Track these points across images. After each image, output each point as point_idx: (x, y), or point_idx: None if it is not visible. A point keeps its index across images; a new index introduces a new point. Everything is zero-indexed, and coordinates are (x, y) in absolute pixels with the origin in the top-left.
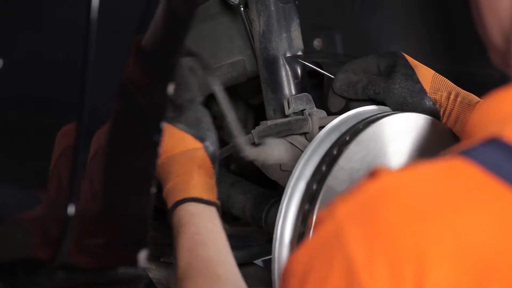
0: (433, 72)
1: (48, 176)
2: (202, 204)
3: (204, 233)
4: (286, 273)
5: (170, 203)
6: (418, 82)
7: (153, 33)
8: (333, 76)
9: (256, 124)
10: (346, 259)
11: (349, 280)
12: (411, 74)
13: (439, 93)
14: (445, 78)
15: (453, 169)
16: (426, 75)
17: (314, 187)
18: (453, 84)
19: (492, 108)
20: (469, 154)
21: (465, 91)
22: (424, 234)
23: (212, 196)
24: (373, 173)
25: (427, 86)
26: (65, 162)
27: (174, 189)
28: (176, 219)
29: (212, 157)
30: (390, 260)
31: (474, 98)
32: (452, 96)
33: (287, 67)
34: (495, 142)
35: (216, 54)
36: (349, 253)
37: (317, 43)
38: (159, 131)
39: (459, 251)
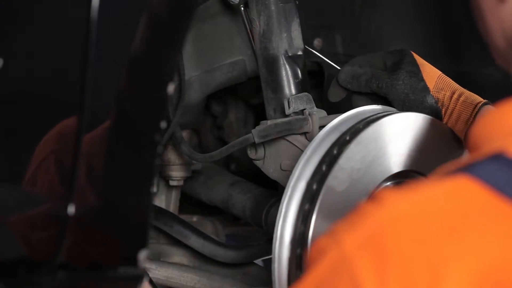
0: (439, 72)
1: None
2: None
3: None
4: None
5: None
6: (422, 80)
7: (153, 33)
8: (338, 67)
9: (256, 123)
10: None
11: None
12: (416, 72)
13: (443, 92)
14: (450, 79)
15: (459, 189)
16: (431, 74)
17: (314, 187)
18: (458, 85)
19: (497, 120)
20: (473, 171)
21: (469, 92)
22: (436, 258)
23: None
24: (375, 198)
25: (431, 85)
26: (57, 163)
27: None
28: None
29: None
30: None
31: (477, 98)
32: (455, 96)
33: (287, 66)
34: (499, 158)
35: (216, 54)
36: (360, 286)
37: (317, 42)
38: (159, 131)
39: (472, 270)
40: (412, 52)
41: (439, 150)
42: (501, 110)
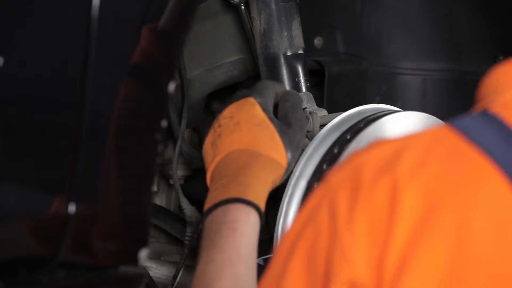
0: None
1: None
2: (258, 218)
3: (250, 250)
4: (275, 250)
5: (234, 192)
6: None
7: (154, 32)
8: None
9: None
10: (332, 219)
11: (332, 241)
12: None
13: None
14: None
15: (437, 135)
16: None
17: (315, 186)
18: None
19: (499, 75)
20: (456, 123)
21: None
22: (397, 180)
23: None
24: (367, 145)
25: None
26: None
27: (247, 185)
28: (230, 216)
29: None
30: (368, 212)
31: None
32: None
33: (287, 65)
34: (483, 114)
35: (216, 53)
36: (335, 213)
37: (317, 41)
38: (160, 130)
39: (421, 187)
40: None
41: None
42: (509, 63)
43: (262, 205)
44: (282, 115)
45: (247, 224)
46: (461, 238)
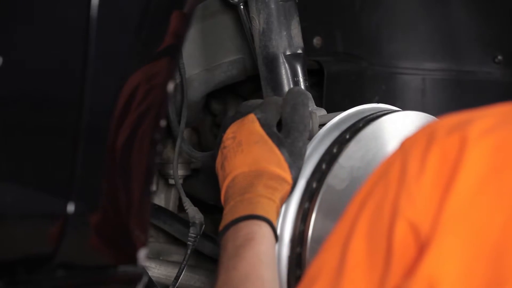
0: None
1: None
2: (273, 233)
3: (269, 257)
4: (344, 211)
5: (243, 210)
6: None
7: (153, 31)
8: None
9: None
10: (403, 175)
11: (399, 189)
12: None
13: None
14: None
15: (504, 108)
16: None
17: (314, 185)
18: None
19: None
20: None
21: None
22: (465, 135)
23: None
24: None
25: None
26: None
27: (254, 203)
28: (245, 230)
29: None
30: (438, 161)
31: None
32: None
33: (287, 65)
34: None
35: (215, 52)
36: (406, 170)
37: (317, 41)
38: (159, 130)
39: (495, 148)
40: None
41: None
42: None
43: (273, 220)
44: (284, 123)
45: (262, 235)
46: None
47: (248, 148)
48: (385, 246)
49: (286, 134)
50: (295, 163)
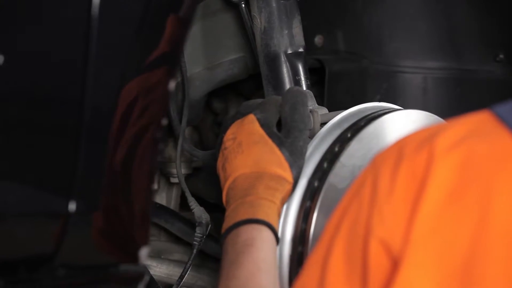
0: None
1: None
2: (274, 237)
3: (268, 263)
4: (326, 226)
5: (244, 214)
6: None
7: (155, 30)
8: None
9: None
10: (373, 193)
11: (371, 208)
12: None
13: None
14: None
15: (476, 119)
16: None
17: (316, 184)
18: None
19: None
20: (496, 109)
21: None
22: (433, 151)
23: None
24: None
25: None
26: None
27: (256, 205)
28: (244, 235)
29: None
30: (406, 176)
31: None
32: None
33: (288, 64)
34: None
35: (217, 51)
36: (376, 187)
37: (318, 39)
38: (160, 128)
39: (461, 163)
40: None
41: None
42: None
43: (274, 223)
44: (284, 122)
45: (261, 240)
46: (483, 217)
47: (248, 149)
48: (361, 265)
49: (286, 133)
50: (296, 162)
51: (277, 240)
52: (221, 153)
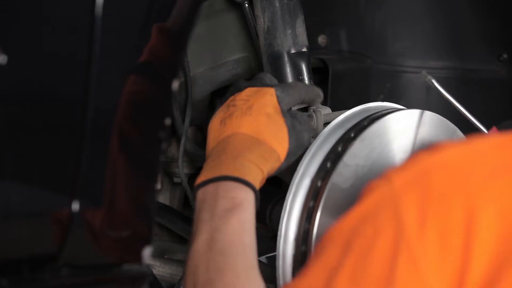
0: None
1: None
2: (254, 199)
3: (252, 226)
4: (326, 240)
5: (234, 171)
6: None
7: (158, 30)
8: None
9: None
10: (398, 225)
11: (397, 246)
12: None
13: None
14: None
15: (507, 143)
16: None
17: (319, 184)
18: None
19: None
20: None
21: None
22: (474, 199)
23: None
24: (430, 147)
25: None
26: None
27: (246, 167)
28: (232, 193)
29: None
30: (441, 231)
31: None
32: None
33: (291, 63)
34: None
35: (220, 51)
36: (401, 219)
37: (321, 39)
38: (164, 128)
39: (502, 214)
40: None
41: None
42: None
43: (257, 188)
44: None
45: (248, 202)
46: None
47: (258, 115)
48: None
49: (298, 122)
50: (296, 151)
51: (257, 207)
52: (225, 107)
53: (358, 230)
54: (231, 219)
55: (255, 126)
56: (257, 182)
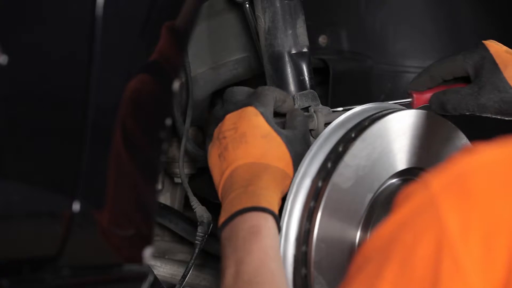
0: None
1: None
2: (276, 226)
3: (276, 251)
4: (364, 252)
5: (248, 202)
6: (509, 91)
7: (158, 30)
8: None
9: None
10: (440, 229)
11: (440, 249)
12: (498, 84)
13: None
14: None
15: None
16: None
17: (320, 184)
18: None
19: None
20: None
21: None
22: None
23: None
24: (466, 149)
25: None
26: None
27: (258, 194)
28: (250, 222)
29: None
30: (484, 231)
31: None
32: None
33: (292, 64)
34: None
35: (221, 51)
36: (442, 223)
37: (322, 39)
38: (164, 128)
39: None
40: (493, 46)
41: (445, 147)
42: None
43: (276, 212)
44: (291, 127)
45: (267, 228)
46: None
47: (254, 140)
48: None
49: (291, 130)
50: (300, 157)
51: (279, 229)
52: (217, 142)
53: (396, 238)
54: (253, 249)
55: (256, 152)
56: (274, 205)
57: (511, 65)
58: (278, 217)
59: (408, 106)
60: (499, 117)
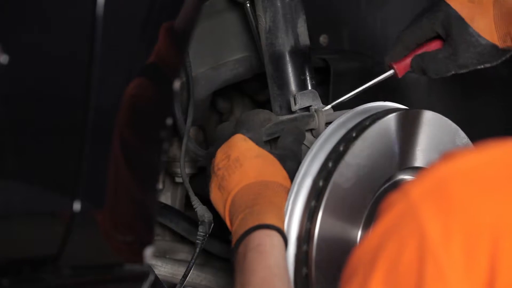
0: (492, 17)
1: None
2: (282, 240)
3: (281, 268)
4: (352, 262)
5: (253, 221)
6: (482, 43)
7: (159, 30)
8: None
9: None
10: (421, 237)
11: (422, 256)
12: (471, 37)
13: (509, 36)
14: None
15: None
16: (486, 24)
17: (321, 183)
18: None
19: None
20: None
21: None
22: (498, 210)
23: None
24: (444, 156)
25: (493, 35)
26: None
27: (264, 212)
28: (254, 241)
29: None
30: (465, 236)
31: None
32: None
33: (293, 63)
34: None
35: (222, 51)
36: (424, 230)
37: (323, 39)
38: (165, 128)
39: None
40: (453, 0)
41: (445, 147)
42: None
43: (282, 227)
44: (281, 147)
45: (272, 245)
46: None
47: (249, 162)
48: None
49: (280, 146)
50: (294, 169)
51: (286, 244)
52: (214, 176)
53: (381, 248)
54: (257, 269)
55: (252, 172)
56: (280, 220)
57: (477, 15)
58: (283, 232)
59: (392, 78)
60: (478, 68)
